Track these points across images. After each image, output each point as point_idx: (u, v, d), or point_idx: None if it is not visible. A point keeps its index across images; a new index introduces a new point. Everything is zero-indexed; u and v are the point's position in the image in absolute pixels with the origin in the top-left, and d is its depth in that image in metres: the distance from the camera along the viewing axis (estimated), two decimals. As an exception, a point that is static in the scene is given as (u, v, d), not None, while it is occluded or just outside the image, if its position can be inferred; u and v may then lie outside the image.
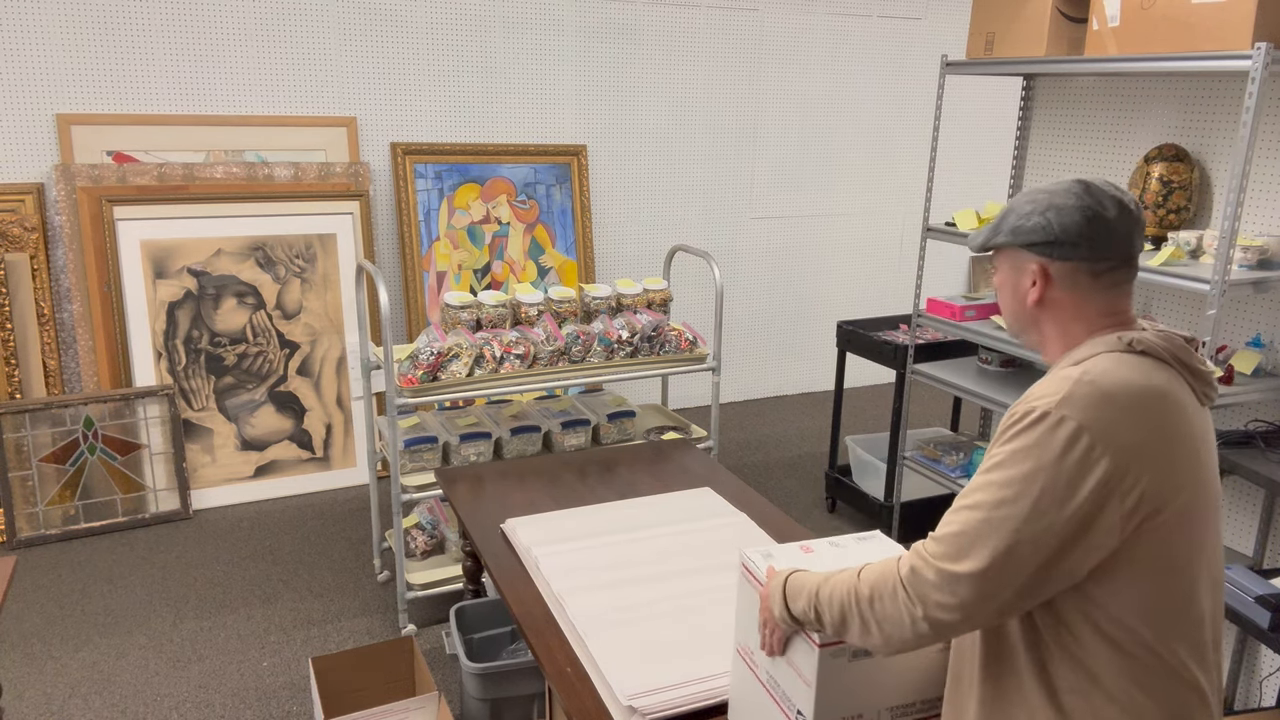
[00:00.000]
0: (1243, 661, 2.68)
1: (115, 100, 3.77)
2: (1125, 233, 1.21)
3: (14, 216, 3.59)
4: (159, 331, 3.77)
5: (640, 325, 3.02)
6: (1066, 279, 1.22)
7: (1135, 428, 1.09)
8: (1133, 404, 1.11)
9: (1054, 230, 1.21)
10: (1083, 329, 1.23)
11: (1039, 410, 1.11)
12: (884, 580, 1.16)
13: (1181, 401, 1.15)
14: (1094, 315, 1.22)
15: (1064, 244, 1.20)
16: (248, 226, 3.87)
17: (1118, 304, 1.23)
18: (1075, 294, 1.22)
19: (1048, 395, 1.12)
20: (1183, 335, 1.22)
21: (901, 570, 1.14)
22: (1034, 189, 1.26)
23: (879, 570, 1.18)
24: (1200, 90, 2.70)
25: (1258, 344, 2.49)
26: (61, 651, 2.88)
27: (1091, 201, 1.20)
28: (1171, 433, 1.12)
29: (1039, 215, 1.22)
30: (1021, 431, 1.11)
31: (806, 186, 5.25)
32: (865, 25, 5.13)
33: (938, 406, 5.28)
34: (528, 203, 4.44)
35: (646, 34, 4.63)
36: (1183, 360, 1.18)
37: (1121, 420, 1.09)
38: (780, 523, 2.19)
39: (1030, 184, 3.28)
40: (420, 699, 2.27)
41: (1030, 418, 1.11)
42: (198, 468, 3.86)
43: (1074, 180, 1.24)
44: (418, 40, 4.20)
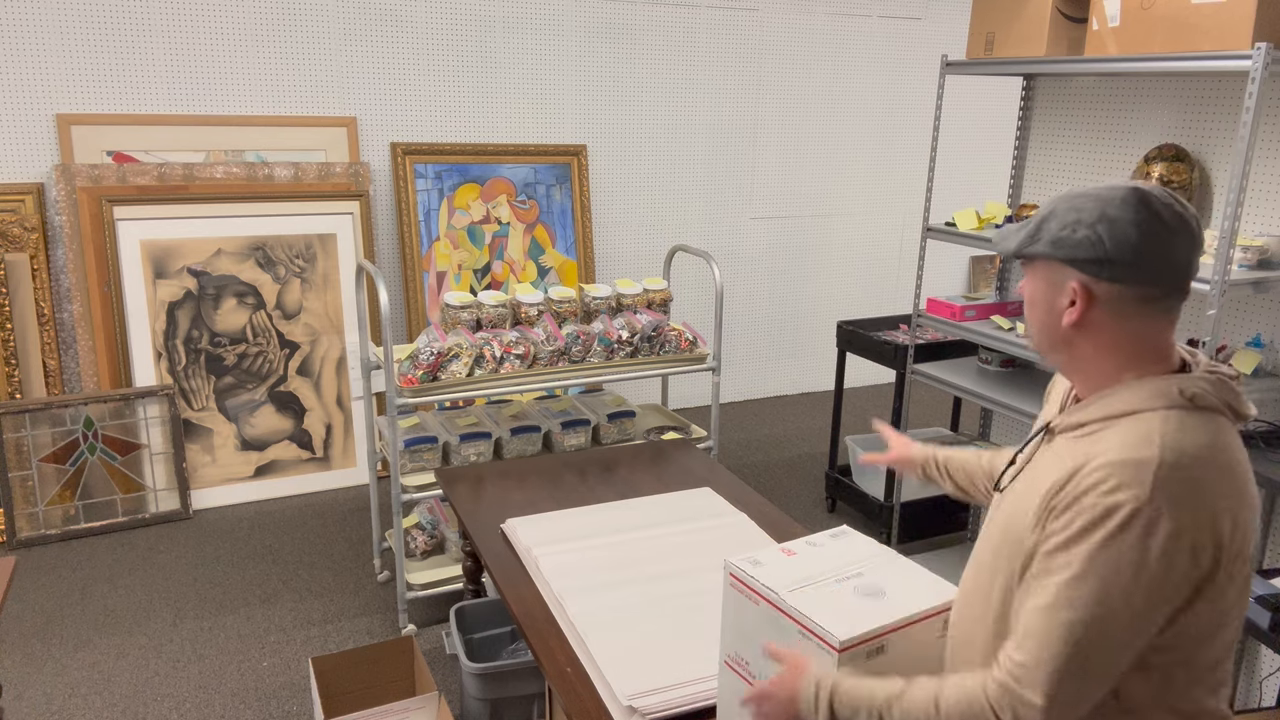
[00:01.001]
0: (1243, 661, 2.68)
1: (115, 100, 3.77)
2: (1185, 258, 1.07)
3: (14, 216, 3.59)
4: (159, 331, 3.77)
5: (640, 325, 3.02)
6: (1112, 303, 1.09)
7: (1228, 508, 1.03)
8: (1220, 479, 1.03)
9: (1105, 247, 1.06)
10: (1123, 361, 1.11)
11: (1127, 509, 0.99)
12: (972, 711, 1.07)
13: (1245, 457, 1.09)
14: (1138, 347, 1.11)
15: (1115, 264, 1.06)
16: (248, 226, 3.87)
17: (1164, 335, 1.11)
18: (1119, 320, 1.10)
19: (1129, 484, 1.00)
20: (1228, 372, 1.12)
21: (991, 697, 1.07)
22: (1080, 193, 1.09)
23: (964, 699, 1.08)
24: (1200, 90, 2.70)
25: (1258, 344, 2.49)
26: (61, 651, 2.88)
27: (1150, 217, 1.06)
28: (1249, 496, 1.06)
29: (1088, 228, 1.07)
30: (1112, 536, 1.00)
31: (806, 186, 5.25)
32: (865, 25, 5.13)
33: (938, 407, 5.28)
34: (528, 203, 4.44)
35: (646, 34, 4.63)
36: (1233, 407, 1.09)
37: (1217, 505, 1.02)
38: (780, 522, 2.19)
39: (1030, 184, 3.27)
40: (420, 699, 2.27)
41: (1119, 518, 1.00)
42: (198, 468, 3.86)
43: (1130, 188, 1.08)
44: (418, 40, 4.20)
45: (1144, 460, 1.02)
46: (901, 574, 1.36)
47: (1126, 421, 1.07)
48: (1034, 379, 3.10)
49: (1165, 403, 1.07)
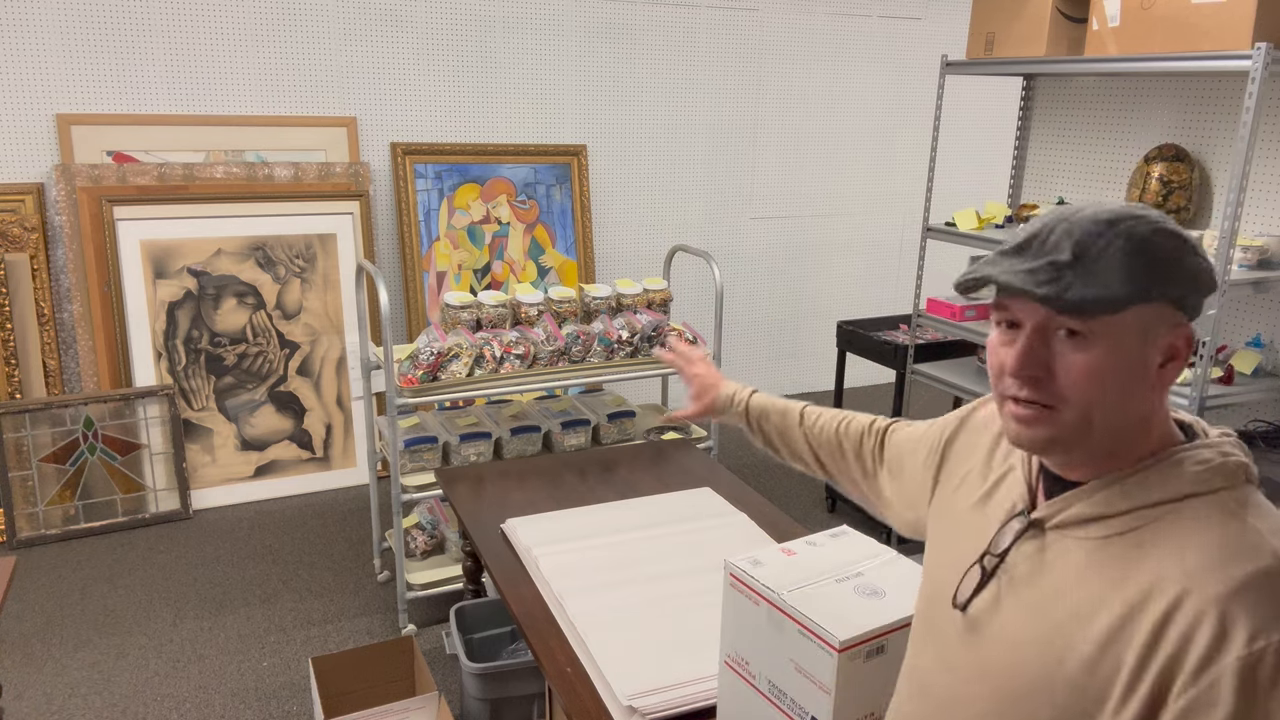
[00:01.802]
0: (1243, 661, 2.67)
1: (115, 100, 3.77)
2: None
3: (14, 216, 3.59)
4: (159, 331, 3.77)
5: (640, 325, 3.02)
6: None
7: None
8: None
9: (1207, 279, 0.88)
10: (1160, 429, 0.92)
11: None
12: None
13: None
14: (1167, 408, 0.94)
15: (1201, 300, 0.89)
16: (248, 226, 3.88)
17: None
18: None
19: (1270, 616, 0.77)
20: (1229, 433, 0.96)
21: None
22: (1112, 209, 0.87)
23: None
24: (1200, 90, 2.70)
25: (1258, 344, 2.49)
26: (61, 651, 2.88)
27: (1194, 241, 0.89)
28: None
29: (1193, 255, 0.86)
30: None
31: (806, 186, 5.25)
32: (865, 25, 5.13)
33: (938, 407, 5.29)
34: (528, 203, 4.44)
35: (646, 34, 4.63)
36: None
37: None
38: (780, 522, 2.19)
39: (1030, 184, 3.27)
40: (420, 699, 2.27)
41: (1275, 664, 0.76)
42: (198, 468, 3.86)
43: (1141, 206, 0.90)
44: (418, 40, 4.20)
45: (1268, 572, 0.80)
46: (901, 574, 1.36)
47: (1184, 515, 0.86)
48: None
49: (1226, 481, 0.87)
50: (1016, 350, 0.89)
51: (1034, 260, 0.87)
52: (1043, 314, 0.87)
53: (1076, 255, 0.85)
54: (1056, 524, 0.94)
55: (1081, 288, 0.83)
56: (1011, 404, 0.92)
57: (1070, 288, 0.83)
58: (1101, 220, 0.87)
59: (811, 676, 1.26)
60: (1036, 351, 0.88)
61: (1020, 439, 0.92)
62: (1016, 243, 0.90)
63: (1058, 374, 0.87)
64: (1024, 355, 0.89)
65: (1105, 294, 0.83)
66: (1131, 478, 0.90)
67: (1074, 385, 0.87)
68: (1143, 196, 2.65)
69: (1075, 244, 0.86)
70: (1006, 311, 0.91)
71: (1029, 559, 0.95)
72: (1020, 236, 0.90)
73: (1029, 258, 0.88)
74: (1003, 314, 0.92)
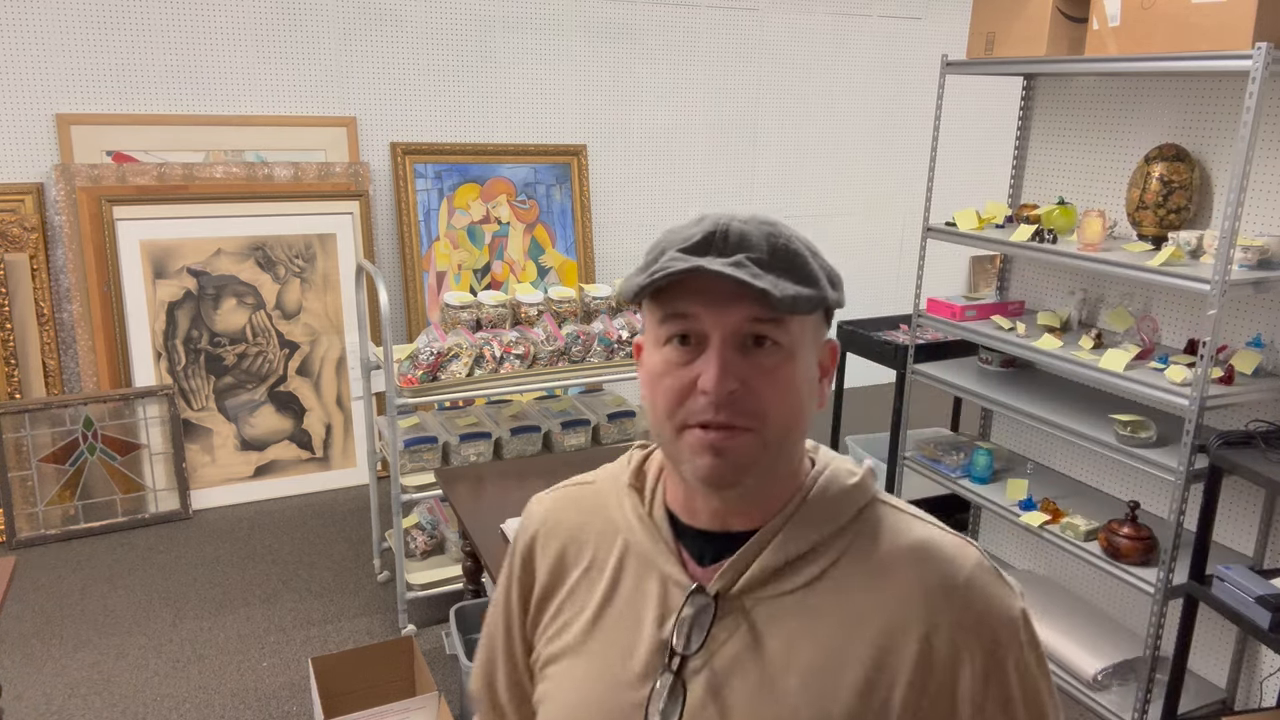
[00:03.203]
0: (1243, 661, 2.68)
1: (115, 100, 3.77)
2: None
3: (14, 216, 3.59)
4: (159, 331, 3.77)
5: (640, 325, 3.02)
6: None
7: None
8: None
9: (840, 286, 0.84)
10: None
11: (1020, 608, 0.83)
12: None
13: None
14: None
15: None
16: (248, 226, 3.87)
17: None
18: None
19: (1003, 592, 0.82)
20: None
21: None
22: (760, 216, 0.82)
23: None
24: (1201, 90, 2.69)
25: (1258, 344, 2.49)
26: (61, 651, 2.88)
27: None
28: None
29: (826, 263, 0.83)
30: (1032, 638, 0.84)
31: (806, 186, 5.24)
32: (865, 25, 5.13)
33: (938, 407, 5.28)
34: (528, 203, 4.44)
35: (646, 34, 4.63)
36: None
37: None
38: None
39: (1030, 184, 3.27)
40: (420, 699, 2.26)
41: (1023, 622, 0.83)
42: (197, 468, 3.86)
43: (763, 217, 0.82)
44: (418, 40, 4.20)
45: (978, 565, 0.82)
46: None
47: (864, 537, 0.83)
48: (1035, 379, 3.10)
49: (867, 492, 0.86)
50: (711, 364, 0.76)
51: (729, 256, 0.77)
52: (736, 319, 0.76)
53: (771, 251, 0.78)
54: (742, 588, 0.81)
55: (789, 284, 0.76)
56: (699, 432, 0.77)
57: (778, 284, 0.76)
58: (764, 221, 0.81)
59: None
60: (733, 363, 0.77)
61: (715, 473, 0.77)
62: (695, 240, 0.78)
63: (755, 388, 0.77)
64: (723, 367, 0.76)
65: (807, 292, 0.77)
66: (800, 511, 0.83)
67: (773, 399, 0.77)
68: (1143, 196, 2.65)
69: (764, 240, 0.78)
70: (687, 321, 0.78)
71: (727, 642, 0.81)
72: (694, 235, 0.79)
73: (716, 255, 0.77)
74: (682, 325, 0.78)
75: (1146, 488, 2.92)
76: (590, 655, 0.86)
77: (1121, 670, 2.74)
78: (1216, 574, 2.28)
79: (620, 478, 0.93)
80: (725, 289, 0.76)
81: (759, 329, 0.77)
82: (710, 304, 0.77)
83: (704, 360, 0.77)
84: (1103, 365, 2.52)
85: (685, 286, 0.77)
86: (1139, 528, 2.54)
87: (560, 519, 0.94)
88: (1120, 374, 2.47)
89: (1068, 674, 2.78)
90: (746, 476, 0.78)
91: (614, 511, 0.91)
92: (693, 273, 0.75)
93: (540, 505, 0.97)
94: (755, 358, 0.77)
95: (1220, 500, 2.54)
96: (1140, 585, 2.46)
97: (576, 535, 0.92)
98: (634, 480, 0.92)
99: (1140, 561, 2.52)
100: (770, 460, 0.79)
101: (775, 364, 0.78)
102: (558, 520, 0.94)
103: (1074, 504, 2.93)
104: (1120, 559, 2.53)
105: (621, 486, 0.92)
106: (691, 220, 0.83)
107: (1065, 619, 2.94)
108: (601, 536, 0.91)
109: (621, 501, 0.91)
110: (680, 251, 0.78)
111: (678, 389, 0.78)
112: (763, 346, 0.77)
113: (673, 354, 0.79)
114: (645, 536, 0.87)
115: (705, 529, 0.85)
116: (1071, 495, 3.01)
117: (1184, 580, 2.40)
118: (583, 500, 0.95)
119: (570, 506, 0.95)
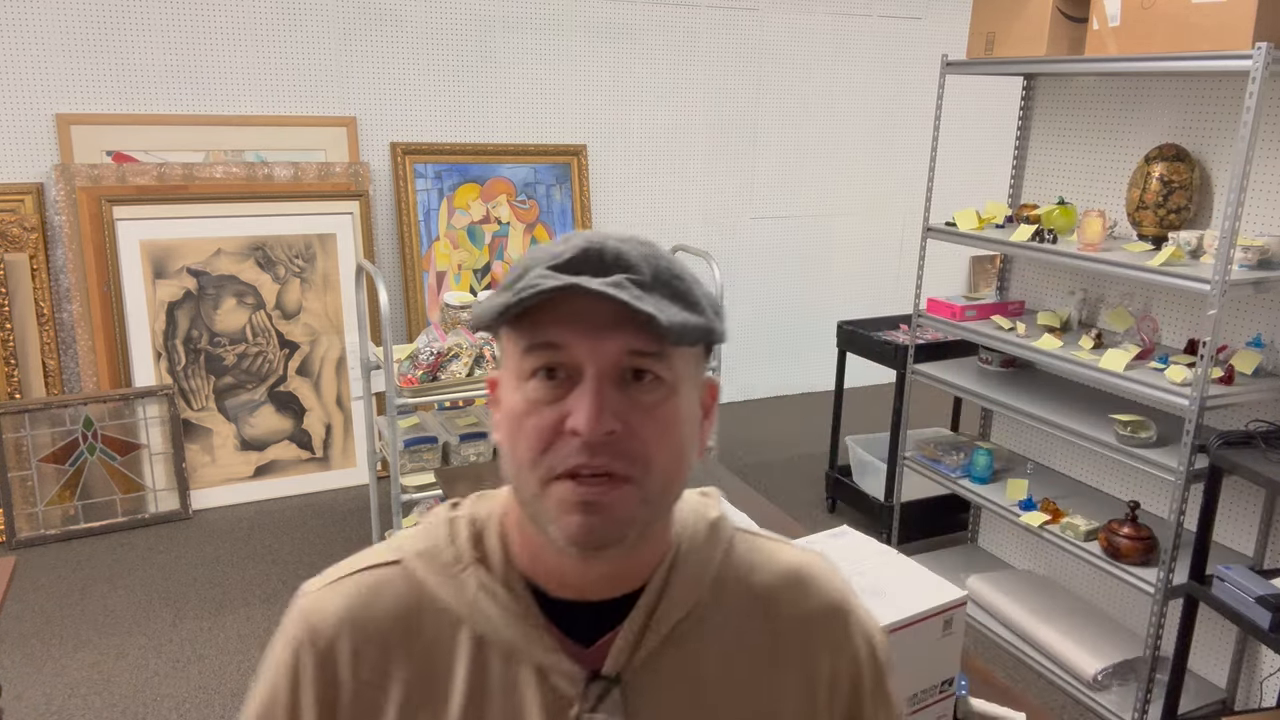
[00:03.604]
0: (1243, 661, 2.68)
1: (115, 100, 3.77)
2: None
3: (14, 216, 3.59)
4: (159, 331, 3.77)
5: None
6: None
7: None
8: None
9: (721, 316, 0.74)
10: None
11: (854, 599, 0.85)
12: None
13: None
14: None
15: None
16: (247, 226, 3.87)
17: None
18: None
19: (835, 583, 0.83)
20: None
21: None
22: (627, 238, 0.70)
23: None
24: (1201, 90, 2.69)
25: (1258, 344, 2.49)
26: (61, 651, 2.88)
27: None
28: None
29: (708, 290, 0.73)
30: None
31: (806, 186, 5.24)
32: (865, 25, 5.13)
33: (938, 406, 5.28)
34: (528, 203, 4.44)
35: (646, 34, 4.63)
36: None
37: None
38: (780, 523, 2.19)
39: (1030, 184, 3.27)
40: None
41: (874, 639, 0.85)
42: (197, 468, 3.86)
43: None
44: (418, 40, 4.20)
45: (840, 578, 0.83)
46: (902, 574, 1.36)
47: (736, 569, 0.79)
48: (1035, 379, 3.10)
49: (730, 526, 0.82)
50: (585, 400, 0.65)
51: (607, 276, 0.66)
52: (614, 350, 0.66)
53: (654, 274, 0.68)
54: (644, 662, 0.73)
55: (675, 310, 0.67)
56: (570, 484, 0.66)
57: (663, 309, 0.65)
58: (641, 241, 0.70)
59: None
60: (611, 399, 0.66)
61: (589, 533, 0.66)
62: (566, 258, 0.67)
63: (636, 429, 0.66)
64: (599, 404, 0.65)
65: (695, 320, 0.67)
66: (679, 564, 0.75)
67: (656, 442, 0.67)
68: (1143, 196, 2.65)
69: (644, 261, 0.68)
70: (556, 352, 0.66)
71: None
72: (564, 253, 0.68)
73: (592, 274, 0.67)
74: (550, 356, 0.67)
75: (1146, 488, 2.92)
76: None
77: (1121, 670, 2.74)
78: (1216, 574, 2.28)
79: (442, 553, 0.74)
80: (602, 315, 0.65)
81: (639, 362, 0.66)
82: (585, 332, 0.66)
83: (576, 397, 0.66)
84: (1103, 365, 2.52)
85: (554, 312, 0.66)
86: (1139, 528, 2.54)
87: (361, 618, 0.73)
88: (1120, 374, 2.47)
89: (1068, 674, 2.78)
90: (625, 535, 0.67)
91: (447, 597, 0.73)
92: (567, 291, 0.64)
93: (324, 603, 0.74)
94: (634, 394, 0.67)
95: (1220, 500, 2.54)
96: (1140, 585, 2.46)
97: (394, 639, 0.73)
98: (474, 551, 0.74)
99: (1140, 561, 2.52)
100: (651, 516, 0.69)
101: (657, 401, 0.67)
102: (357, 621, 0.73)
103: (1074, 504, 2.93)
104: (1120, 559, 2.54)
105: (449, 563, 0.74)
106: (559, 240, 0.70)
107: (1065, 619, 2.94)
108: (436, 636, 0.73)
109: (457, 582, 0.73)
110: (550, 269, 0.67)
111: (543, 431, 0.66)
112: (643, 381, 0.67)
113: (537, 390, 0.67)
114: (505, 622, 0.72)
115: (575, 600, 0.72)
116: (1071, 495, 3.01)
117: (1184, 580, 2.40)
118: (387, 588, 0.74)
119: (371, 599, 0.74)
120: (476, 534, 0.75)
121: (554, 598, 0.73)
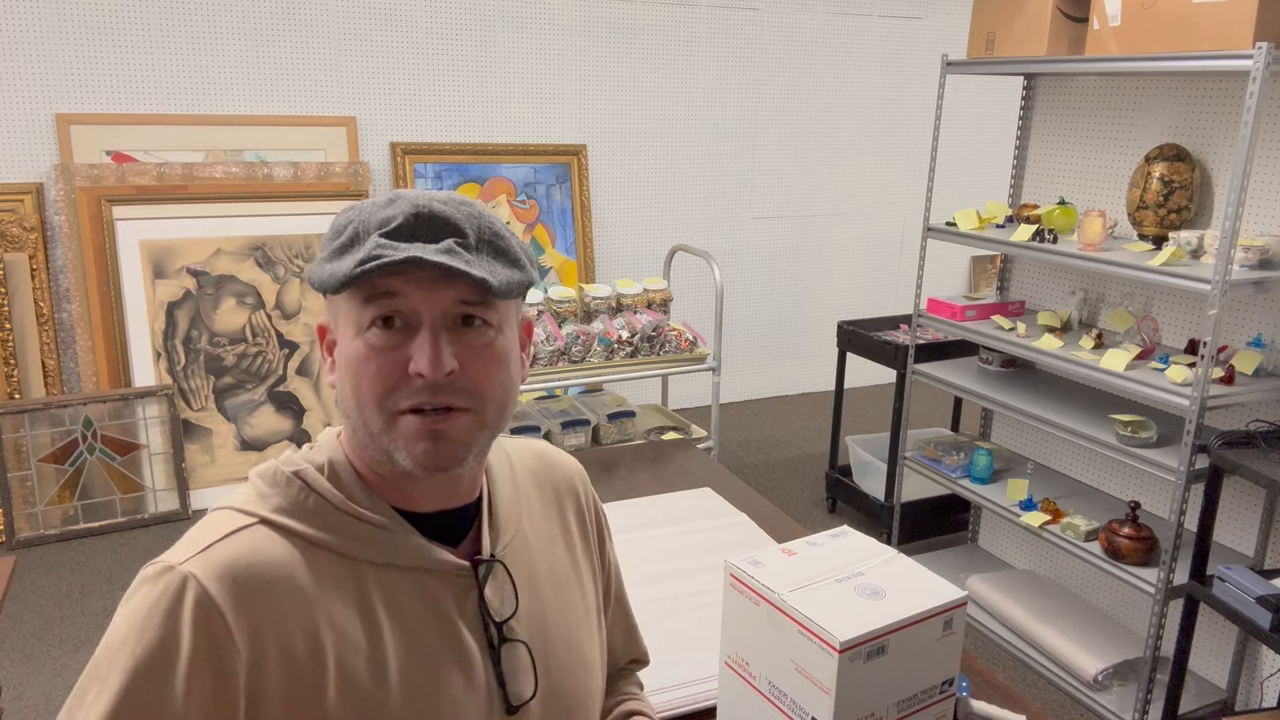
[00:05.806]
0: (1243, 662, 2.67)
1: (115, 100, 3.77)
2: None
3: (13, 216, 3.59)
4: (158, 331, 3.77)
5: (640, 325, 3.02)
6: None
7: None
8: None
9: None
10: None
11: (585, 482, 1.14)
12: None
13: None
14: None
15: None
16: (247, 226, 3.87)
17: None
18: None
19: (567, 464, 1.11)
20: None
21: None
22: (439, 193, 0.82)
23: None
24: (1201, 90, 2.69)
25: (1259, 344, 2.49)
26: (61, 651, 2.88)
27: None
28: None
29: (521, 240, 0.85)
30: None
31: (806, 186, 5.24)
32: (865, 25, 5.13)
33: (938, 406, 5.28)
34: (528, 203, 4.44)
35: (646, 34, 4.63)
36: None
37: None
38: (780, 523, 2.19)
39: (1030, 184, 3.27)
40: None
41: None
42: (197, 468, 3.86)
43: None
44: (418, 40, 4.20)
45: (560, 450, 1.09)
46: (902, 574, 1.36)
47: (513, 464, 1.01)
48: (1035, 379, 3.10)
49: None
50: (425, 345, 0.75)
51: (437, 242, 0.76)
52: (447, 300, 0.76)
53: (477, 234, 0.78)
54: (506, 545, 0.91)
55: (501, 269, 0.78)
56: (414, 418, 0.76)
57: (493, 270, 0.77)
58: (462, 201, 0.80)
59: (812, 677, 1.26)
60: (448, 344, 0.77)
61: (436, 457, 0.77)
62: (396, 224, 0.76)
63: (470, 369, 0.78)
64: (438, 351, 0.75)
65: (519, 277, 0.80)
66: (490, 469, 0.94)
67: (488, 378, 0.79)
68: (1144, 196, 2.65)
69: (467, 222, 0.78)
70: (394, 301, 0.76)
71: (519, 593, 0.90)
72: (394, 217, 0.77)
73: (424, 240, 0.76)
74: (389, 306, 0.76)
75: (1147, 488, 2.92)
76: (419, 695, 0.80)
77: (1122, 670, 2.74)
78: (1217, 574, 2.28)
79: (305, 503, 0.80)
80: (435, 271, 0.75)
81: (469, 309, 0.78)
82: (420, 285, 0.76)
83: (417, 344, 0.76)
84: (1103, 365, 2.52)
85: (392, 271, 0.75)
86: (1139, 528, 2.54)
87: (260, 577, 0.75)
88: (1121, 374, 2.47)
89: (1068, 674, 2.78)
90: (466, 457, 0.80)
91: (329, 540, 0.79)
92: (410, 264, 0.73)
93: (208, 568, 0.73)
94: (466, 337, 0.78)
95: (1221, 500, 2.54)
96: (1141, 585, 2.46)
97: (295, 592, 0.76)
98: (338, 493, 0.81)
99: (1141, 562, 2.52)
100: (487, 439, 0.82)
101: (486, 342, 0.79)
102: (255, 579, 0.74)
103: (1074, 504, 2.93)
104: (1121, 559, 2.53)
105: (317, 510, 0.80)
106: (384, 200, 0.79)
107: (1065, 619, 2.94)
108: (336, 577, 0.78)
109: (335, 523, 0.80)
110: (384, 236, 0.76)
111: (387, 374, 0.76)
112: (472, 325, 0.79)
113: (378, 338, 0.77)
114: (392, 545, 0.81)
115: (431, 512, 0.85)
116: (1072, 495, 3.01)
117: (1184, 580, 2.40)
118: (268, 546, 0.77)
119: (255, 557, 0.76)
120: (332, 478, 0.83)
121: (413, 513, 0.84)
